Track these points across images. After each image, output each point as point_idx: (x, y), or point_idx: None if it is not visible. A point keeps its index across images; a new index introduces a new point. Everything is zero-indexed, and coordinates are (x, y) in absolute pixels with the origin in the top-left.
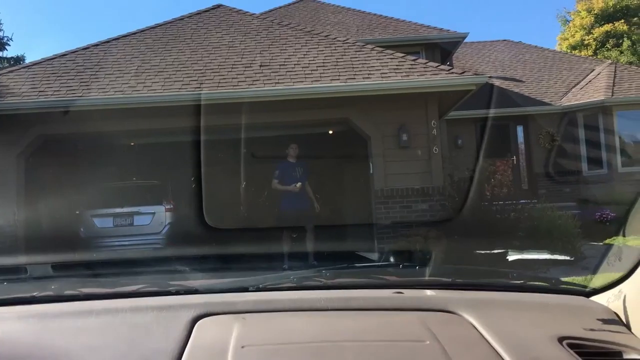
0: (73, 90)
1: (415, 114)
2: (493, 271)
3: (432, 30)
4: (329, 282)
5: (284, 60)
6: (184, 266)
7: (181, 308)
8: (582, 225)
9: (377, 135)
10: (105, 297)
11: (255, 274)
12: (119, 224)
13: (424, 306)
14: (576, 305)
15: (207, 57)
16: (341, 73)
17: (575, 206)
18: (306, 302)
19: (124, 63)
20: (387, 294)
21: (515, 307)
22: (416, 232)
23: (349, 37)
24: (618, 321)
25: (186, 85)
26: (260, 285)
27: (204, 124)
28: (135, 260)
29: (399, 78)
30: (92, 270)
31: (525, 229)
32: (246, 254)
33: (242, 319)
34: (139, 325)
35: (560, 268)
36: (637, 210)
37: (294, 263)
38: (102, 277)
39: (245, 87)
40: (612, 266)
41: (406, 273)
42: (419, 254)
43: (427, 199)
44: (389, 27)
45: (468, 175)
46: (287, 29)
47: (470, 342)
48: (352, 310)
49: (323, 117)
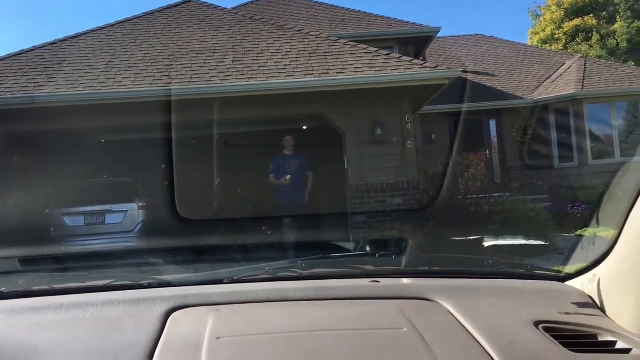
0: (41, 87)
1: (389, 108)
2: (469, 259)
3: (405, 25)
4: (305, 272)
5: (257, 55)
6: (157, 259)
7: (154, 301)
8: (555, 217)
9: (352, 130)
10: (76, 291)
11: (230, 266)
12: (91, 222)
13: (401, 294)
14: (551, 290)
15: (178, 52)
16: (315, 68)
17: (548, 198)
18: (282, 293)
19: (93, 58)
20: (363, 283)
21: (491, 293)
22: (391, 226)
23: (322, 32)
24: (592, 304)
25: (157, 80)
26: (235, 277)
27: (176, 120)
28: (107, 254)
29: (373, 73)
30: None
31: (499, 222)
32: (220, 247)
33: (216, 311)
34: (110, 319)
35: (534, 259)
36: (606, 202)
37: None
38: (72, 272)
39: (218, 83)
40: (585, 251)
41: (382, 262)
42: (395, 244)
43: (402, 193)
44: (362, 21)
45: (442, 169)
46: (259, 23)
47: (447, 328)
48: (329, 300)
49: (297, 113)
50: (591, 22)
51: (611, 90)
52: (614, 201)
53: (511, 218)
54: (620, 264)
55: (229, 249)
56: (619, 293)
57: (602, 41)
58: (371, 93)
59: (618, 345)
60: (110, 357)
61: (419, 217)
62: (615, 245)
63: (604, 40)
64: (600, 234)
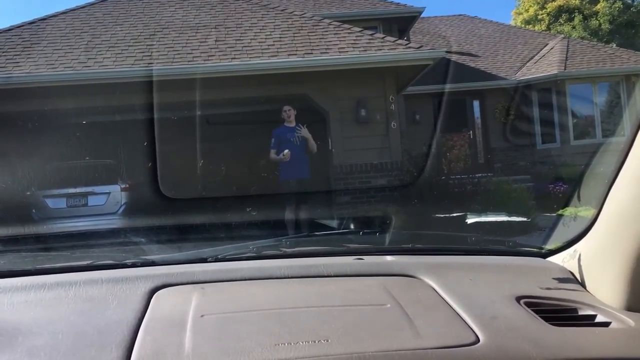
0: (20, 66)
1: (373, 89)
2: (452, 236)
3: (389, 5)
4: (289, 250)
5: (240, 35)
6: (140, 239)
7: (138, 280)
8: (536, 197)
9: (336, 111)
10: (58, 271)
11: (215, 245)
12: (73, 204)
13: (385, 271)
14: (533, 265)
15: (160, 32)
16: (298, 48)
17: (530, 179)
18: (266, 271)
19: (73, 38)
20: (347, 260)
21: (473, 269)
22: (376, 206)
23: (306, 11)
24: (573, 279)
25: (139, 60)
26: (219, 255)
27: (159, 100)
28: (90, 234)
29: (357, 53)
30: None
31: (482, 202)
32: (205, 226)
33: (201, 289)
34: (94, 298)
35: (516, 236)
36: (587, 181)
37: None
38: (55, 252)
39: (201, 63)
40: (566, 228)
41: (366, 240)
42: (379, 222)
43: (386, 174)
44: (346, 1)
45: (426, 150)
46: (242, 2)
47: (430, 304)
48: (313, 277)
49: (281, 93)
50: (574, 2)
51: (593, 70)
52: (594, 180)
53: (494, 198)
54: (599, 240)
55: (213, 228)
56: (599, 268)
57: (584, 22)
58: (355, 73)
59: (598, 319)
60: (94, 336)
61: (403, 197)
62: (595, 222)
63: (587, 21)
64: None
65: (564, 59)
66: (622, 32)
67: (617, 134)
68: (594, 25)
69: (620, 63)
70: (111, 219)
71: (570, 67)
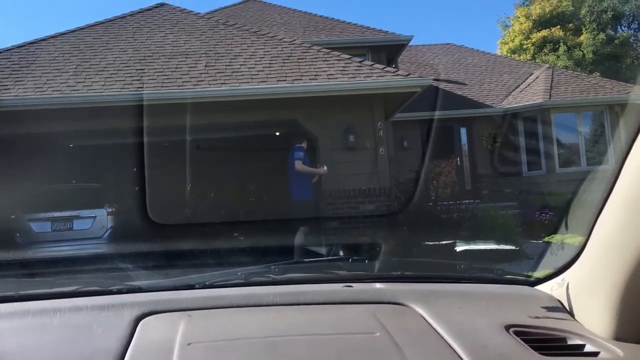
0: (8, 90)
1: (361, 115)
2: (441, 263)
3: (377, 33)
4: (278, 277)
5: (230, 61)
6: (127, 265)
7: (124, 307)
8: (523, 224)
9: (325, 137)
10: (43, 297)
11: (203, 271)
12: (58, 228)
13: (374, 299)
14: (521, 294)
15: (150, 56)
16: (288, 74)
17: (517, 205)
18: (254, 298)
19: (62, 62)
20: (336, 287)
21: (463, 297)
22: (364, 232)
23: (296, 39)
24: (562, 308)
25: (128, 85)
26: (207, 282)
27: (148, 124)
28: (76, 259)
29: (346, 80)
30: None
31: (469, 229)
32: (192, 252)
33: (188, 317)
34: (79, 325)
35: (504, 264)
36: (574, 209)
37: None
38: (39, 277)
39: (190, 88)
40: (554, 256)
41: (356, 267)
42: (368, 248)
43: (374, 200)
44: (335, 29)
45: (414, 176)
46: (232, 29)
47: (419, 332)
48: (302, 304)
49: (270, 118)
50: (558, 33)
51: (577, 100)
52: (581, 208)
53: (481, 225)
54: (588, 268)
55: (201, 254)
56: (587, 297)
57: (568, 52)
58: (344, 100)
59: (587, 349)
60: None
61: (391, 223)
62: (583, 251)
63: (571, 51)
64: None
65: (548, 88)
66: (605, 64)
67: (602, 162)
68: (578, 56)
69: (604, 93)
70: (97, 243)
71: (555, 96)
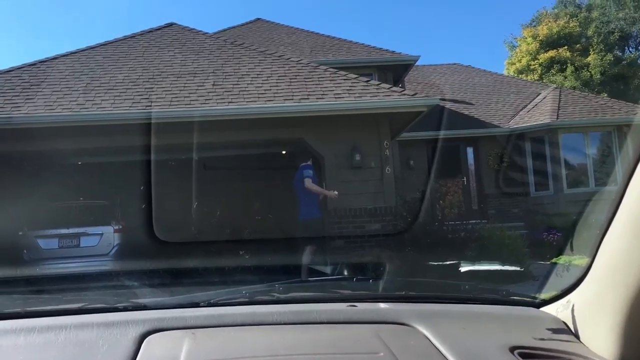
0: (18, 107)
1: (368, 134)
2: (445, 284)
3: (384, 53)
4: (282, 296)
5: (237, 80)
6: (132, 282)
7: (129, 324)
8: (530, 244)
9: (331, 155)
10: (49, 314)
11: (207, 289)
12: (65, 245)
13: (378, 319)
14: (526, 315)
15: (159, 75)
16: (295, 93)
17: (524, 226)
18: (259, 317)
19: (72, 80)
20: (341, 307)
21: (467, 318)
22: (368, 251)
23: (303, 58)
24: (567, 330)
25: (137, 103)
26: (212, 300)
27: (155, 142)
28: (82, 276)
29: (352, 99)
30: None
31: (475, 249)
32: (197, 270)
33: (192, 335)
34: (84, 342)
35: (509, 285)
36: (580, 230)
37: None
38: (45, 294)
39: (198, 106)
40: (560, 278)
41: (360, 286)
42: (372, 268)
43: (380, 219)
44: (342, 49)
45: (420, 195)
46: (240, 48)
47: (423, 353)
48: (306, 324)
49: (277, 137)
50: (565, 54)
51: (585, 120)
52: (587, 229)
53: (487, 245)
54: (593, 290)
55: (206, 272)
56: (593, 319)
57: (576, 73)
58: (350, 119)
59: None
60: None
61: (397, 243)
62: (588, 272)
63: (578, 72)
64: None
65: (556, 108)
66: (613, 84)
67: (610, 183)
68: (586, 76)
69: (612, 113)
70: (103, 260)
71: (563, 117)
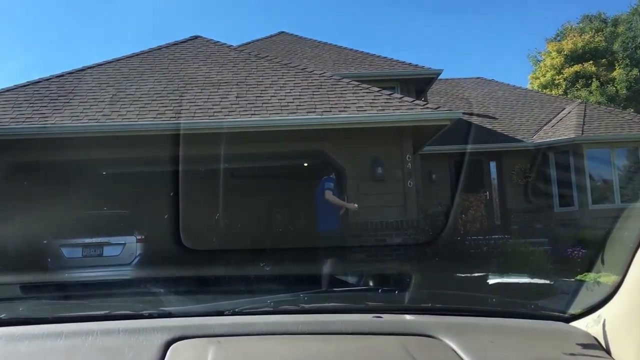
0: (46, 118)
1: (390, 147)
2: (472, 296)
3: (407, 67)
4: (307, 306)
5: (261, 92)
6: (158, 290)
7: (154, 331)
8: (554, 261)
9: (352, 168)
10: (76, 320)
11: (232, 298)
12: (88, 254)
13: (404, 331)
14: (556, 330)
15: (183, 87)
16: (317, 106)
17: (547, 242)
18: (283, 326)
19: (99, 91)
20: (366, 318)
21: (495, 331)
22: (391, 265)
23: (326, 71)
24: (598, 346)
25: (161, 114)
26: (237, 308)
27: (179, 153)
28: (108, 283)
29: (375, 112)
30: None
31: (499, 264)
32: (223, 278)
33: (217, 343)
34: (110, 348)
35: (537, 301)
36: (609, 247)
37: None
38: (72, 300)
39: (222, 118)
40: (590, 292)
41: (385, 298)
42: (398, 279)
43: (401, 232)
44: (364, 62)
45: (442, 209)
46: (264, 61)
47: None
48: (331, 334)
49: (299, 149)
50: (591, 68)
51: (611, 135)
52: (616, 246)
53: (511, 260)
54: (625, 306)
55: (230, 281)
56: (625, 335)
57: (601, 87)
58: (373, 132)
59: None
60: None
61: (418, 256)
62: (619, 288)
63: (604, 87)
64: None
65: (581, 123)
66: (639, 100)
67: (637, 199)
68: (611, 91)
69: (638, 129)
70: (125, 270)
71: (588, 132)
